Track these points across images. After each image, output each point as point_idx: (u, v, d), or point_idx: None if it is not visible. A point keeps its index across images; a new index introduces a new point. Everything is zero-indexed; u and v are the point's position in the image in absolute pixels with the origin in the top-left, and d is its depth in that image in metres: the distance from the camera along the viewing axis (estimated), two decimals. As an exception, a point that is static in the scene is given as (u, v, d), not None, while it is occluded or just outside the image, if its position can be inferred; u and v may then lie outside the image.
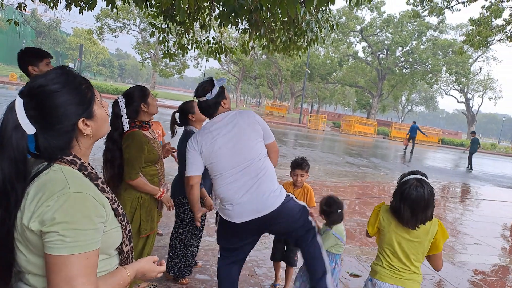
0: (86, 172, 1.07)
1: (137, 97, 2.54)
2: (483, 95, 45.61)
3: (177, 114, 3.22)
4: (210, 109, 2.40)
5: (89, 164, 1.11)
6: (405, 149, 20.04)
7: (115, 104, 2.45)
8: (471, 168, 16.09)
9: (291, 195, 2.41)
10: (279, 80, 45.48)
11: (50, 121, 1.02)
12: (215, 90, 2.36)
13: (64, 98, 1.03)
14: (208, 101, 2.36)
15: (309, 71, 34.49)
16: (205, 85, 2.39)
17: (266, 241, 3.23)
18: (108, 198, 1.09)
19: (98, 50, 70.01)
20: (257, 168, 2.29)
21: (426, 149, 25.49)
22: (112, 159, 2.47)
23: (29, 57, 2.67)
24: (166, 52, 6.00)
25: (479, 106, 47.25)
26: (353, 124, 30.99)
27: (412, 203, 1.86)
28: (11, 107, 1.00)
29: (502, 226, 7.05)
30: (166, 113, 23.30)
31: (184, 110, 3.16)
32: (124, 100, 2.44)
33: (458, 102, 45.81)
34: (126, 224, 1.16)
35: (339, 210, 2.56)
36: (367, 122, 33.02)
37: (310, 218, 2.44)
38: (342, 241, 2.52)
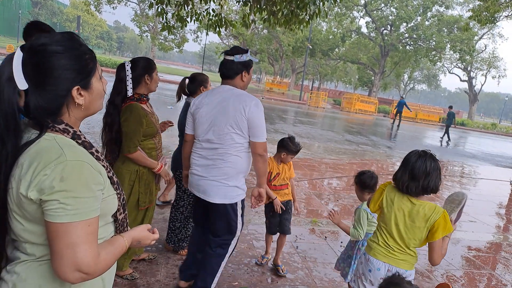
0: (79, 141, 1.06)
1: (142, 67, 2.54)
2: (486, 73, 45.03)
3: (187, 81, 3.22)
4: (230, 71, 2.34)
5: (81, 132, 1.10)
6: (393, 123, 20.39)
7: (121, 67, 2.44)
8: (449, 139, 16.87)
9: (239, 212, 2.41)
10: (280, 55, 44.75)
11: (44, 81, 1.00)
12: (245, 56, 2.33)
13: (63, 61, 1.02)
14: (234, 62, 2.32)
15: (310, 47, 33.93)
16: (239, 49, 2.37)
17: (264, 215, 3.27)
18: (103, 166, 1.09)
19: (96, 22, 68.55)
20: (221, 155, 2.28)
21: (426, 128, 25.45)
22: (111, 123, 2.48)
23: (36, 30, 2.69)
24: (165, 24, 5.87)
25: (482, 85, 46.76)
26: (354, 101, 30.77)
27: (413, 169, 1.88)
28: (9, 59, 0.99)
29: (498, 204, 7.13)
30: (166, 88, 23.11)
31: (198, 81, 3.16)
32: (130, 66, 2.44)
33: (461, 80, 45.30)
34: (121, 192, 1.17)
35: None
36: (368, 100, 32.78)
37: (234, 240, 2.47)
38: (374, 217, 2.47)
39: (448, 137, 17.10)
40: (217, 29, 5.87)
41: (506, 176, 10.70)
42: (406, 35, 37.76)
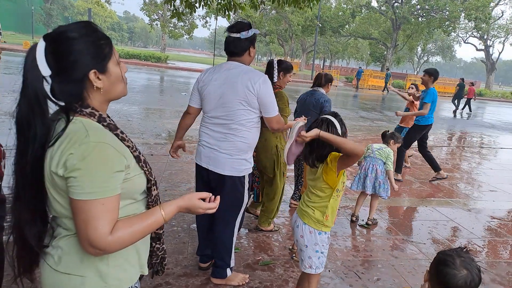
0: (105, 123, 1.12)
1: (283, 67, 3.38)
2: (504, 41, 43.52)
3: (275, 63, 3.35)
4: (238, 48, 2.33)
5: (108, 116, 1.17)
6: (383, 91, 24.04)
7: (270, 63, 3.28)
8: (457, 109, 18.29)
9: (246, 186, 2.46)
10: (290, 36, 44.05)
11: (62, 66, 1.06)
12: (251, 32, 2.33)
13: (79, 46, 1.07)
14: (240, 39, 2.31)
15: (320, 25, 33.29)
16: (243, 24, 2.36)
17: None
18: (128, 146, 1.15)
19: (106, 13, 68.58)
20: (233, 130, 2.32)
21: (442, 100, 24.89)
22: None
23: None
24: (174, 11, 5.88)
25: (500, 53, 45.24)
26: (367, 78, 30.28)
27: (314, 142, 2.05)
28: (33, 48, 1.06)
29: (519, 173, 7.03)
30: (178, 75, 23.20)
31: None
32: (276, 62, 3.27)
33: (477, 50, 43.85)
34: (150, 170, 1.22)
35: None
36: (381, 75, 32.19)
37: (240, 213, 2.53)
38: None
39: (460, 106, 18.37)
40: (226, 12, 5.84)
41: (527, 145, 10.47)
42: (418, 6, 36.49)
